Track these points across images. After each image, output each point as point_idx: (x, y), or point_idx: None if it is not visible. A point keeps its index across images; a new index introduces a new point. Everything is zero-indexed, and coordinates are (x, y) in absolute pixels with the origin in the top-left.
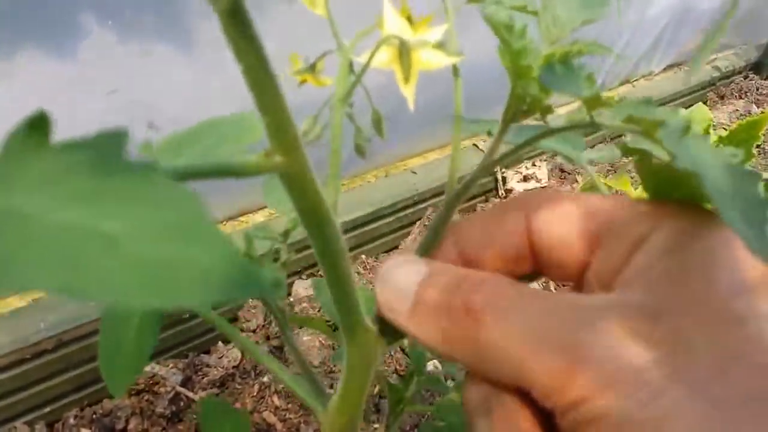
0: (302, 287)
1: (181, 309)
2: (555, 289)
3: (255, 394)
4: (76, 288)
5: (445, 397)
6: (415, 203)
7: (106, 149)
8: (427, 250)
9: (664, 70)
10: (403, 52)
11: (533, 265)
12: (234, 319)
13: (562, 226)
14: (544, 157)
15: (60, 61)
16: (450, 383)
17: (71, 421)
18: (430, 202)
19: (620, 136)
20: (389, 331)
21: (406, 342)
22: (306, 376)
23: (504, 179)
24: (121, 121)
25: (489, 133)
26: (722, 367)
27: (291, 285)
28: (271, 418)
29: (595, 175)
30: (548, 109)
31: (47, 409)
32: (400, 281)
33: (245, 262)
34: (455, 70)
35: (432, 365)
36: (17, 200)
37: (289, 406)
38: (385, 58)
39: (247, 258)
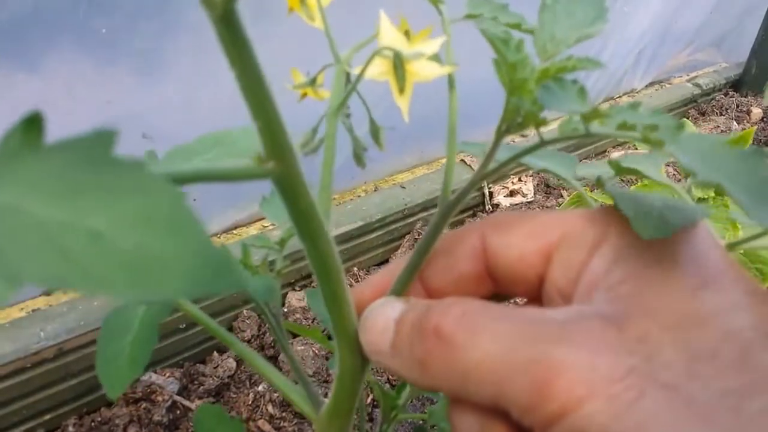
0: (296, 298)
1: (165, 301)
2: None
3: (250, 402)
4: (62, 279)
5: (437, 405)
6: (405, 217)
7: (96, 147)
8: (420, 259)
9: (647, 87)
10: (398, 63)
11: (493, 286)
12: (228, 329)
13: (517, 243)
14: (530, 172)
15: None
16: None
17: (70, 428)
18: (419, 216)
19: (604, 151)
20: None
21: None
22: (301, 383)
23: (491, 194)
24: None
25: (461, 150)
26: (693, 368)
27: (285, 296)
28: (266, 426)
29: (583, 189)
30: (542, 122)
31: (47, 417)
32: (380, 323)
33: (222, 254)
34: (451, 81)
35: None
36: (10, 196)
37: (284, 414)
38: (380, 69)
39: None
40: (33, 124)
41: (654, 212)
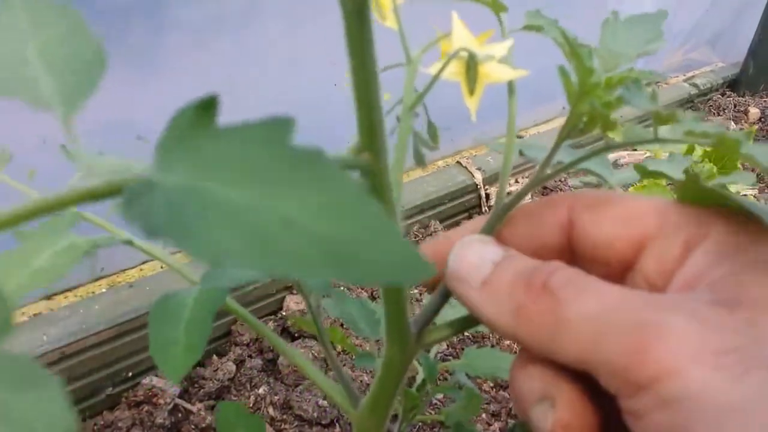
0: (293, 302)
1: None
2: None
3: (251, 405)
4: (262, 264)
5: (454, 406)
6: (402, 219)
7: (274, 133)
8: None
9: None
10: (471, 65)
11: (573, 263)
12: (228, 333)
13: (607, 225)
14: (527, 174)
15: None
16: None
17: None
18: (416, 219)
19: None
20: (426, 334)
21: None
22: (340, 380)
23: (487, 196)
24: (107, 133)
25: (521, 153)
26: None
27: (282, 300)
28: (267, 429)
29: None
30: (612, 126)
31: None
32: (476, 256)
33: (410, 245)
34: (511, 87)
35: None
36: (190, 176)
37: (285, 417)
38: (453, 70)
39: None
40: (208, 105)
41: None
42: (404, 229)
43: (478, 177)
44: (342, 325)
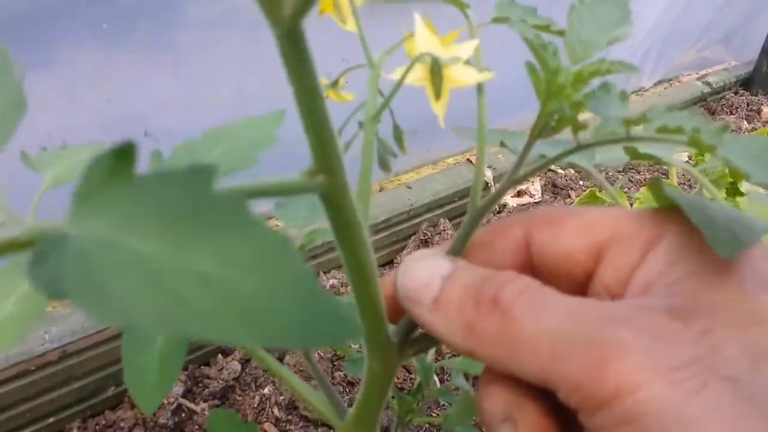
0: None
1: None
2: None
3: (256, 405)
4: (173, 324)
5: (452, 408)
6: (410, 218)
7: (195, 182)
8: (457, 253)
9: (655, 85)
10: (435, 69)
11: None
12: None
13: (565, 238)
14: (537, 172)
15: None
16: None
17: None
18: (425, 217)
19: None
20: (409, 344)
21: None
22: (324, 390)
23: None
24: (115, 130)
25: (502, 144)
26: (756, 363)
27: None
28: (272, 429)
29: (613, 190)
30: (581, 126)
31: (50, 420)
32: (424, 273)
33: (338, 304)
34: (480, 86)
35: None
36: (105, 228)
37: (290, 417)
38: (417, 75)
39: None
40: (124, 153)
41: (721, 226)
42: (412, 228)
43: (489, 175)
44: None
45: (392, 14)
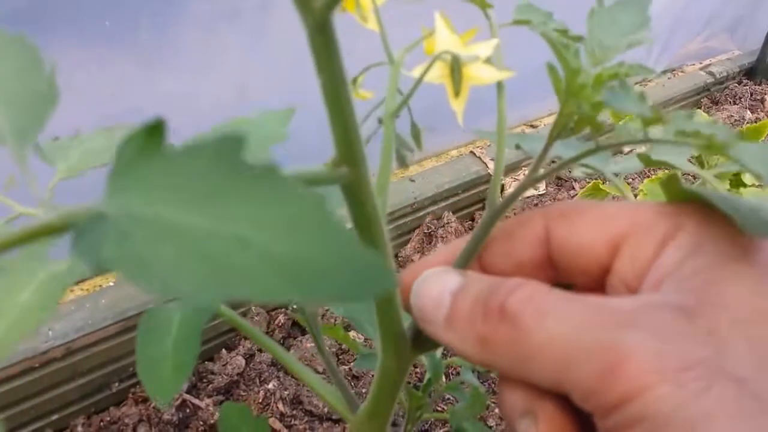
0: None
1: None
2: None
3: (260, 400)
4: (219, 290)
5: (459, 405)
6: (414, 211)
7: (224, 152)
8: (476, 246)
9: (659, 75)
10: (455, 67)
11: (554, 274)
12: (234, 328)
13: (582, 232)
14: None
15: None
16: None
17: (79, 428)
18: (429, 210)
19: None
20: (422, 340)
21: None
22: (337, 384)
23: (503, 186)
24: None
25: (517, 147)
26: (764, 364)
27: None
28: (277, 425)
29: (619, 182)
30: (600, 127)
31: (55, 417)
32: (434, 291)
33: (376, 259)
34: (500, 85)
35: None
36: (141, 203)
37: (295, 412)
38: (437, 73)
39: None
40: (155, 130)
41: (747, 214)
42: (416, 221)
43: (492, 167)
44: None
45: (404, 15)
